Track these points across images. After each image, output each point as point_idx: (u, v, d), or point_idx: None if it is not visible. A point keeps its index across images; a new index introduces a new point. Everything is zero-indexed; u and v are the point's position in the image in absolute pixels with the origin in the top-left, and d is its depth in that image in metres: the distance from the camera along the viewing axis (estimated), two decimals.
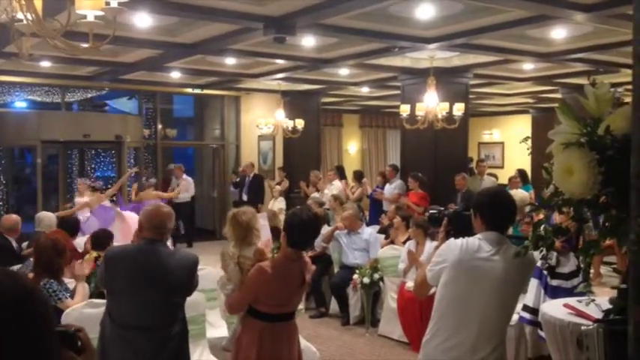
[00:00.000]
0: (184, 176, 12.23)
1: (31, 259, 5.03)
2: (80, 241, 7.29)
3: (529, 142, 2.11)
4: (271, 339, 3.38)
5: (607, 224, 1.74)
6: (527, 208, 6.00)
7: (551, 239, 1.85)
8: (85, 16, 2.98)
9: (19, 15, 2.73)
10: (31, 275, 4.60)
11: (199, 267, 3.62)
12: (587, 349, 1.52)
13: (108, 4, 2.84)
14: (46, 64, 10.06)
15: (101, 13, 2.91)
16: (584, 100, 1.81)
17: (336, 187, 10.92)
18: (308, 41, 8.56)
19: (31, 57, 3.50)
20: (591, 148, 1.72)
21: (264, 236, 5.19)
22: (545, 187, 1.90)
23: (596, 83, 1.79)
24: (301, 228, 3.48)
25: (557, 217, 2.00)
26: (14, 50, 8.49)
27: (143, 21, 7.26)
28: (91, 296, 4.82)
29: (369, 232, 7.75)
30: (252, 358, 3.35)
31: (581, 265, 5.10)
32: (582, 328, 1.61)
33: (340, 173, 11.75)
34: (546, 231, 1.86)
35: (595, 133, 1.72)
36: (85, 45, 2.99)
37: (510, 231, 3.11)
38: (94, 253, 5.23)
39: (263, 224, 5.66)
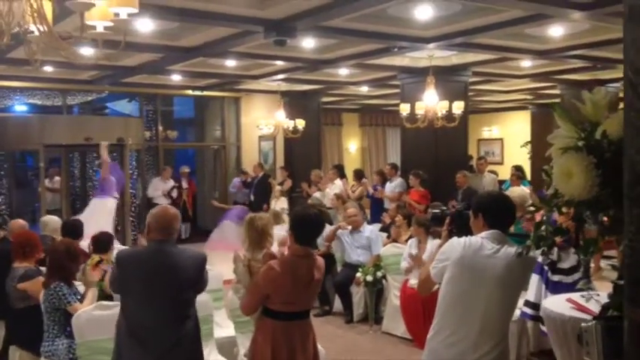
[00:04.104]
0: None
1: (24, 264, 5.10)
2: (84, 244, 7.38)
3: (529, 146, 2.18)
4: (284, 338, 3.45)
5: (606, 223, 1.82)
6: (527, 205, 6.10)
7: (552, 239, 1.94)
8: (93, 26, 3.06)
9: (31, 26, 2.80)
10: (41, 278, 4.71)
11: (208, 267, 3.72)
12: (586, 344, 1.61)
13: (117, 15, 2.92)
14: (47, 69, 10.14)
15: (110, 24, 2.99)
16: (581, 106, 1.89)
17: (337, 186, 10.99)
18: (308, 43, 8.64)
19: (37, 63, 3.55)
20: (589, 151, 1.80)
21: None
22: (546, 188, 1.99)
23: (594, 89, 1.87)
24: (307, 225, 3.56)
25: (557, 217, 2.08)
26: (15, 56, 8.62)
27: (145, 26, 7.33)
28: (97, 300, 4.89)
29: (370, 229, 7.82)
30: (267, 357, 3.42)
31: (582, 262, 5.21)
32: (582, 324, 1.70)
33: (340, 172, 11.81)
34: (547, 231, 1.94)
35: (592, 137, 1.81)
36: (91, 51, 3.05)
37: (512, 229, 3.19)
38: (96, 257, 5.28)
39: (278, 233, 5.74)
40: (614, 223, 1.76)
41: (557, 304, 4.21)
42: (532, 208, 4.51)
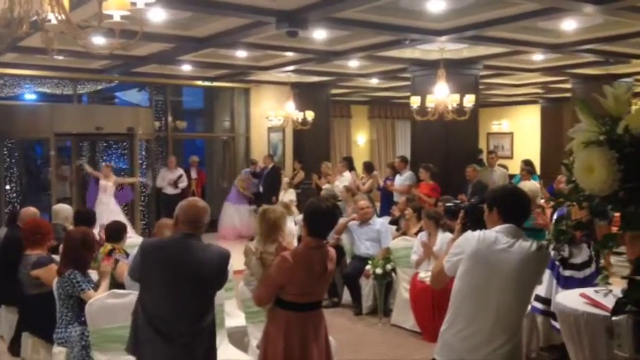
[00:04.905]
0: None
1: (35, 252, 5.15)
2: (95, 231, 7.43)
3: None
4: (297, 328, 3.47)
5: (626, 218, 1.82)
6: (538, 200, 6.10)
7: (572, 233, 1.94)
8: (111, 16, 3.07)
9: (49, 15, 2.81)
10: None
11: None
12: (618, 337, 1.62)
13: (134, 4, 2.92)
14: (58, 57, 10.15)
15: (127, 13, 2.99)
16: (603, 100, 1.88)
17: (346, 178, 10.99)
18: (319, 34, 8.62)
19: (53, 52, 3.54)
20: (610, 146, 1.79)
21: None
22: (565, 182, 1.98)
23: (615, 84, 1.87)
24: (320, 217, 3.58)
25: (574, 211, 2.08)
26: (26, 44, 8.63)
27: (157, 15, 7.34)
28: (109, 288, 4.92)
29: (380, 222, 7.83)
30: (280, 348, 3.44)
31: (594, 257, 5.20)
32: (613, 318, 1.71)
33: (349, 165, 11.82)
34: (567, 225, 1.94)
35: (614, 131, 1.80)
36: (103, 40, 3.06)
37: None
38: (109, 246, 5.31)
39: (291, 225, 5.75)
40: (635, 219, 1.76)
41: (570, 299, 4.20)
42: (543, 202, 4.48)
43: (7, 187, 11.94)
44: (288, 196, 11.86)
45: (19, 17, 2.68)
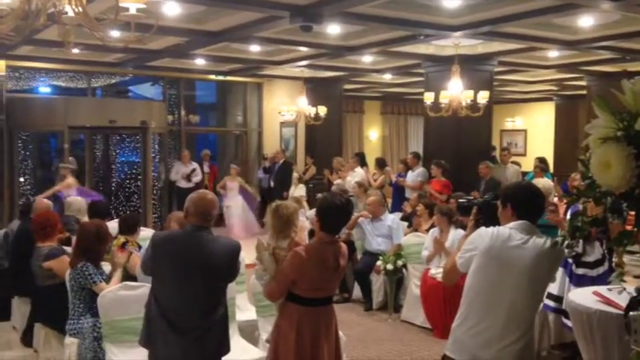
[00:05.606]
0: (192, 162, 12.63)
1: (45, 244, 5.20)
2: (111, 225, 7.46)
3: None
4: (309, 323, 3.47)
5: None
6: (552, 197, 6.06)
7: (588, 230, 1.92)
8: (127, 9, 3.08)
9: (66, 7, 2.82)
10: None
11: None
12: (635, 332, 1.61)
13: None
14: (74, 51, 10.20)
15: (143, 6, 3.00)
16: (621, 96, 1.86)
17: (358, 174, 10.98)
18: (333, 29, 8.61)
19: (70, 45, 3.56)
20: (628, 142, 1.78)
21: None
22: (581, 178, 1.97)
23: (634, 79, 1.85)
24: (334, 213, 3.57)
25: (590, 208, 2.06)
26: (41, 37, 8.69)
27: (171, 9, 7.36)
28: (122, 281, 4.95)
29: (391, 218, 7.82)
30: (291, 342, 3.44)
31: (607, 254, 5.16)
32: (631, 313, 1.70)
33: (361, 160, 11.80)
34: (583, 222, 1.93)
35: (632, 127, 1.78)
36: (117, 33, 3.07)
37: None
38: (122, 238, 5.33)
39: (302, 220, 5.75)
40: None
41: (583, 297, 4.17)
42: (556, 200, 4.45)
43: (22, 179, 12.03)
44: (298, 191, 11.86)
45: (37, 9, 2.70)
